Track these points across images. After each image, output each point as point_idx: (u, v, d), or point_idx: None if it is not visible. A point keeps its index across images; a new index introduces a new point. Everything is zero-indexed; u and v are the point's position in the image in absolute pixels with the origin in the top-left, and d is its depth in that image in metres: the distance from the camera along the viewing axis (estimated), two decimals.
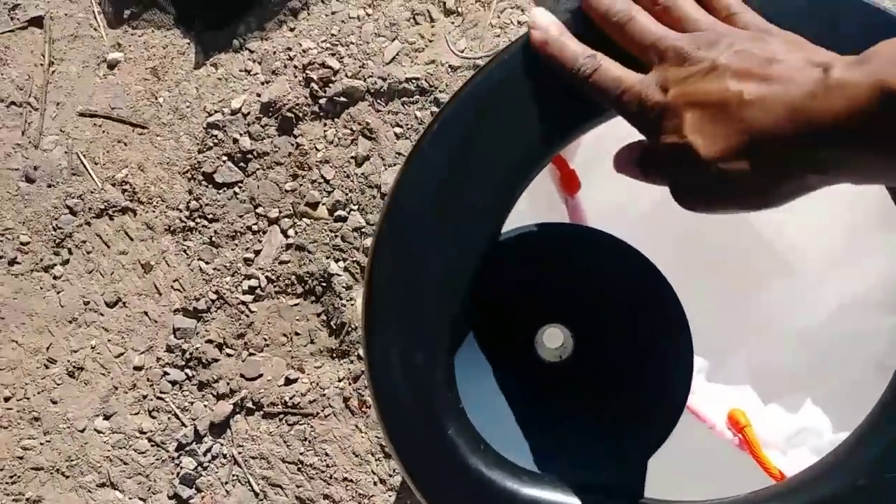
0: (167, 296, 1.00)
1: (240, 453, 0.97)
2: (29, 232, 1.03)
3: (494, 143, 0.43)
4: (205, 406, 0.98)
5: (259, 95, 0.99)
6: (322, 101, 0.98)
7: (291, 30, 1.00)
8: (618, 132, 0.43)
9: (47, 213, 1.03)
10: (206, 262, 0.99)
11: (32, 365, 1.02)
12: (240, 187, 0.99)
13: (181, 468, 0.98)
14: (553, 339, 0.50)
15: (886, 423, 0.39)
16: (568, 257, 0.46)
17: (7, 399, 1.02)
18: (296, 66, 0.99)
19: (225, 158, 0.99)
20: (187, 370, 0.99)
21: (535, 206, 0.53)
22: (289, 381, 0.96)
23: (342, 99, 0.97)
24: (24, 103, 1.05)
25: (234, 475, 0.98)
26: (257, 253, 0.98)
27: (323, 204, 0.97)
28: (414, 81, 0.96)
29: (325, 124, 0.98)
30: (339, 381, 0.94)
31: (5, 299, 1.03)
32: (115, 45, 1.05)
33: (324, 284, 0.96)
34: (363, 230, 0.95)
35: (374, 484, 0.93)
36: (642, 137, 0.40)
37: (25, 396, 1.02)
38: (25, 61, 1.06)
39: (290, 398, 0.95)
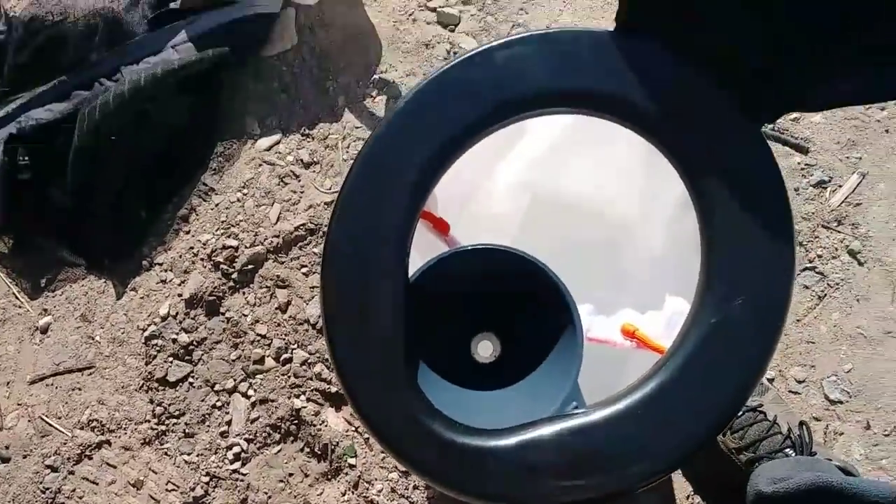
0: (165, 499, 1.07)
1: None
2: None
3: (379, 205, 0.59)
4: None
5: (181, 295, 1.12)
6: (234, 275, 1.12)
7: (187, 232, 1.15)
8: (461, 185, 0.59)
9: (32, 482, 1.10)
10: (188, 454, 1.07)
11: None
12: (192, 376, 1.09)
13: None
14: (485, 349, 0.66)
15: (707, 287, 0.56)
16: (477, 274, 0.62)
17: None
18: (202, 259, 1.13)
19: (171, 359, 1.10)
20: None
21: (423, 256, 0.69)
22: None
23: (250, 267, 1.12)
24: None
25: None
26: (229, 423, 1.07)
27: (268, 356, 1.08)
28: (302, 227, 1.12)
29: (244, 293, 1.11)
30: (343, 495, 1.02)
31: None
32: (42, 311, 1.17)
33: (296, 422, 1.05)
34: (308, 361, 1.07)
35: None
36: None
37: None
38: None
39: None
